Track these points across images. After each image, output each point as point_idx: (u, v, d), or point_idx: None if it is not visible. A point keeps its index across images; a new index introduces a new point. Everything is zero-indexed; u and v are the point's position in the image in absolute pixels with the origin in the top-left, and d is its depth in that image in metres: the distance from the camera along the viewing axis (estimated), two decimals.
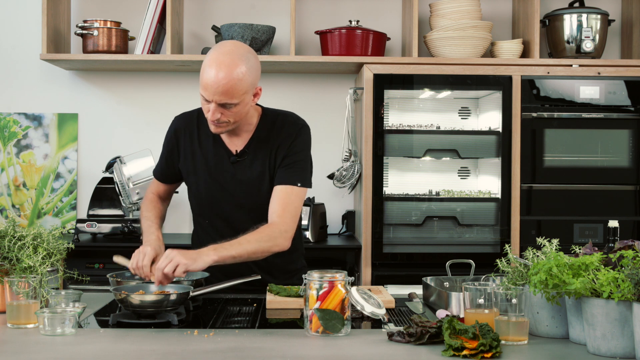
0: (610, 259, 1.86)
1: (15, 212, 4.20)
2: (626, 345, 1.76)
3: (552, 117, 3.79)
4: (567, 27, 3.94)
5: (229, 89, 2.31)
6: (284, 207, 2.43)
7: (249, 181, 2.50)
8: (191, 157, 2.54)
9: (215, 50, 2.37)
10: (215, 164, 2.52)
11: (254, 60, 2.38)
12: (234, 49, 2.36)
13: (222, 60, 2.32)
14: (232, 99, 2.33)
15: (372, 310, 2.10)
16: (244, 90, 2.34)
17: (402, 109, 4.06)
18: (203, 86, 2.33)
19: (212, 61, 2.32)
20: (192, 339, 1.93)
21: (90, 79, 4.26)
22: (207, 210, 2.58)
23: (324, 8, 4.27)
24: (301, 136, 2.53)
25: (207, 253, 2.24)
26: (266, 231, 2.37)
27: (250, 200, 2.51)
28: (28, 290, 2.05)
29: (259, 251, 2.35)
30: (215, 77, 2.30)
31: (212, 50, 2.38)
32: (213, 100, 2.33)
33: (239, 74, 2.31)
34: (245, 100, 2.37)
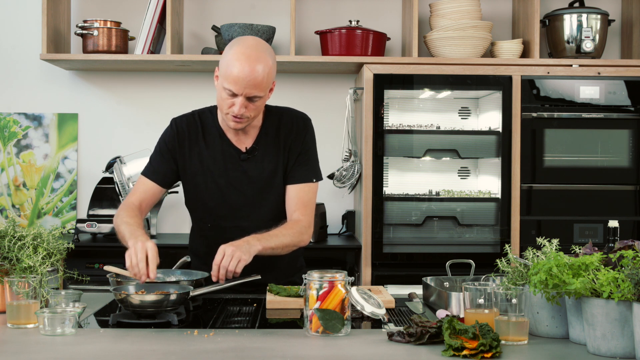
0: (610, 259, 1.86)
1: (15, 212, 4.20)
2: (626, 345, 1.76)
3: (552, 117, 3.79)
4: (567, 27, 3.94)
5: (259, 82, 2.31)
6: (304, 204, 2.49)
7: (261, 177, 2.51)
8: (197, 157, 2.51)
9: (239, 45, 2.36)
10: (224, 162, 2.50)
11: (273, 55, 2.43)
12: (258, 44, 2.38)
13: (250, 54, 2.31)
14: (260, 91, 2.34)
15: (372, 310, 2.10)
16: (269, 83, 2.37)
17: (402, 109, 4.06)
18: (232, 80, 2.30)
19: (240, 55, 2.31)
20: (192, 339, 1.93)
21: (90, 79, 4.26)
22: (214, 211, 2.54)
23: (324, 8, 4.27)
24: (310, 131, 2.60)
25: (253, 243, 2.28)
26: (296, 227, 2.44)
27: (261, 197, 2.51)
28: (28, 290, 2.05)
29: (290, 245, 2.41)
30: (247, 70, 2.29)
31: (234, 45, 2.37)
32: (242, 93, 2.32)
33: (266, 67, 2.33)
34: (267, 94, 2.40)
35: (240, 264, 2.22)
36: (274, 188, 2.52)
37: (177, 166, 2.53)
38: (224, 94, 2.34)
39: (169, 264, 2.78)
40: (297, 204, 2.49)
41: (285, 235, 2.39)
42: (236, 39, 2.42)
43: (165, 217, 4.24)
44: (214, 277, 2.24)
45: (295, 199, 2.50)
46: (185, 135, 2.53)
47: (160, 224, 4.22)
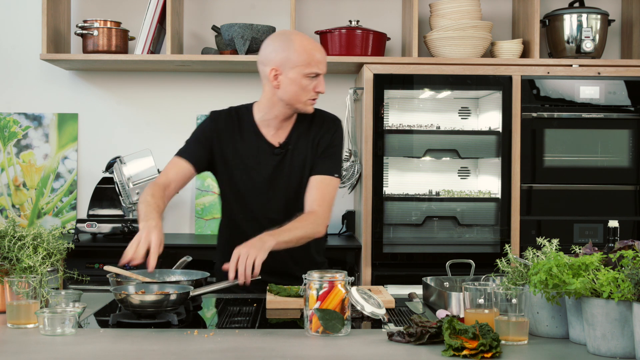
0: (610, 259, 1.86)
1: (15, 212, 4.20)
2: (626, 345, 1.76)
3: (552, 117, 3.79)
4: (567, 27, 3.94)
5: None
6: (322, 196, 2.53)
7: (292, 171, 2.58)
8: (233, 150, 2.58)
9: (295, 35, 2.53)
10: (259, 156, 2.58)
11: None
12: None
13: (308, 38, 2.53)
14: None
15: (372, 310, 2.10)
16: None
17: (402, 109, 4.06)
18: (316, 62, 2.47)
19: (307, 41, 2.50)
20: (192, 339, 1.93)
21: (90, 79, 4.26)
22: (247, 203, 2.60)
23: (324, 8, 4.27)
24: (339, 130, 2.68)
25: (267, 239, 2.32)
26: (310, 218, 2.48)
27: (291, 190, 2.58)
28: (28, 290, 2.05)
29: (304, 237, 2.45)
30: (322, 50, 2.52)
31: (290, 37, 2.52)
32: (324, 71, 2.51)
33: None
34: None
35: (257, 262, 2.25)
36: (304, 181, 2.58)
37: (212, 156, 2.59)
38: (305, 80, 2.48)
39: (169, 264, 2.78)
40: (315, 195, 2.53)
41: (298, 228, 2.43)
42: (280, 33, 2.59)
43: (165, 217, 4.23)
44: (231, 279, 2.27)
45: (315, 189, 2.54)
46: (223, 127, 2.60)
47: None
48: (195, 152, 2.60)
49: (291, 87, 2.48)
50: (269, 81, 2.52)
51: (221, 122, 2.62)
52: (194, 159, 2.58)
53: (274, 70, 2.49)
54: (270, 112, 2.58)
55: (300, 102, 2.51)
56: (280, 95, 2.51)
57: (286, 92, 2.50)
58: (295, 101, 2.52)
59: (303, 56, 2.45)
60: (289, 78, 2.47)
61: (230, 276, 2.26)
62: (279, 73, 2.48)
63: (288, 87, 2.48)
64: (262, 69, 2.56)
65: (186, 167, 2.58)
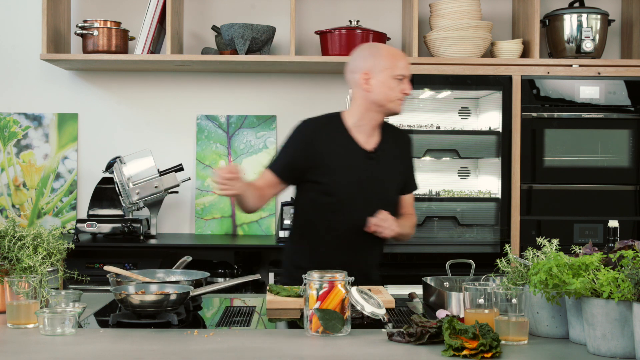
0: (610, 259, 1.86)
1: (15, 212, 4.20)
2: (626, 345, 1.76)
3: (552, 117, 3.79)
4: (567, 27, 3.94)
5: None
6: (413, 206, 2.88)
7: (383, 179, 2.73)
8: (329, 156, 2.66)
9: (379, 44, 2.88)
10: (353, 161, 2.68)
11: None
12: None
13: (392, 47, 2.80)
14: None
15: (372, 310, 2.10)
16: None
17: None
18: (402, 66, 2.67)
19: (388, 47, 2.75)
20: (192, 339, 1.93)
21: (90, 79, 4.26)
22: (340, 207, 2.66)
23: (324, 8, 4.27)
24: (412, 144, 2.93)
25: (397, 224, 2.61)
26: (412, 221, 2.82)
27: (379, 197, 2.69)
28: (28, 290, 2.05)
29: (407, 236, 2.77)
30: (403, 55, 2.73)
31: (376, 44, 2.85)
32: (409, 74, 2.69)
33: None
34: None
35: (390, 231, 2.57)
36: (391, 189, 2.76)
37: (306, 163, 2.67)
38: (393, 82, 2.65)
39: (169, 264, 2.78)
40: (411, 205, 2.86)
41: (406, 227, 2.74)
42: (366, 44, 2.83)
43: (165, 217, 4.24)
44: (371, 230, 2.57)
45: (409, 203, 2.85)
46: (318, 135, 2.70)
47: (160, 224, 4.22)
48: (287, 167, 2.70)
49: (381, 89, 2.64)
50: (360, 87, 2.68)
51: (316, 129, 2.72)
52: (284, 173, 2.68)
53: (364, 74, 2.65)
54: (363, 118, 2.70)
55: (390, 102, 2.66)
56: (372, 97, 2.66)
57: (377, 93, 2.65)
58: (386, 101, 2.66)
59: (390, 60, 2.65)
60: (378, 80, 2.64)
61: (371, 229, 2.56)
62: (369, 77, 2.65)
63: (378, 89, 2.65)
64: (352, 77, 2.71)
65: (274, 180, 2.68)
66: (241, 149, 4.23)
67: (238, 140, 4.24)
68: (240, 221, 4.20)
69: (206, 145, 4.23)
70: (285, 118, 4.27)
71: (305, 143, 2.67)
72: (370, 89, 2.65)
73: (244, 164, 4.22)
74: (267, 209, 4.20)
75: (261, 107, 4.27)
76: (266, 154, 4.23)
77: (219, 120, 4.24)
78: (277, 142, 4.24)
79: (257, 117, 4.25)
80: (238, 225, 4.20)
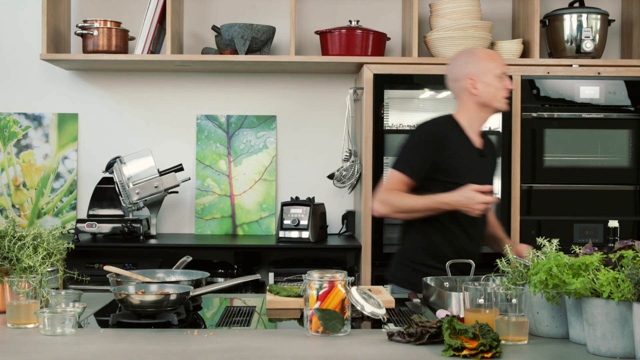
0: (610, 259, 1.86)
1: (15, 212, 4.20)
2: (626, 345, 1.76)
3: (552, 117, 3.79)
4: (567, 27, 3.94)
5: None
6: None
7: (489, 176, 2.95)
8: (454, 156, 2.79)
9: (473, 48, 3.18)
10: (471, 159, 2.85)
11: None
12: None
13: (486, 48, 3.23)
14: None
15: (372, 310, 2.10)
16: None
17: (402, 109, 4.06)
18: (499, 65, 2.83)
19: (484, 50, 3.04)
20: (192, 339, 1.93)
21: (90, 79, 4.26)
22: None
23: (324, 8, 4.27)
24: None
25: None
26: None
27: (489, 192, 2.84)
28: (28, 290, 2.05)
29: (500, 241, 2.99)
30: (498, 54, 2.95)
31: (472, 49, 3.03)
32: (507, 69, 2.86)
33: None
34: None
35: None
36: (492, 182, 2.99)
37: (437, 163, 2.78)
38: (497, 81, 2.81)
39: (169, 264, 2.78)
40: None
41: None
42: (461, 51, 3.00)
43: (165, 217, 4.24)
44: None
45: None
46: (445, 136, 2.83)
47: (160, 224, 4.22)
48: (415, 164, 2.80)
49: (489, 90, 2.80)
50: (467, 92, 2.82)
51: (442, 131, 2.84)
52: (414, 172, 2.78)
53: (470, 80, 2.81)
54: (474, 119, 2.86)
55: (497, 101, 2.82)
56: (481, 100, 2.82)
57: (485, 95, 2.81)
58: (494, 101, 2.82)
59: (490, 62, 2.82)
60: (484, 83, 2.80)
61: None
62: (475, 81, 2.80)
63: (485, 90, 2.80)
64: (457, 84, 2.87)
65: (407, 181, 2.78)
66: (241, 149, 4.23)
67: (238, 140, 4.24)
68: (240, 221, 4.20)
69: (206, 145, 4.23)
70: (285, 118, 4.27)
71: (436, 144, 2.80)
72: (478, 92, 2.81)
73: (244, 164, 4.22)
74: (267, 209, 4.20)
75: (261, 107, 4.27)
76: (266, 154, 4.23)
77: (219, 120, 4.24)
78: (277, 142, 4.25)
79: (257, 117, 4.25)
80: (238, 225, 4.20)
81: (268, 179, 4.22)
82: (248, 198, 4.21)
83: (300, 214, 3.84)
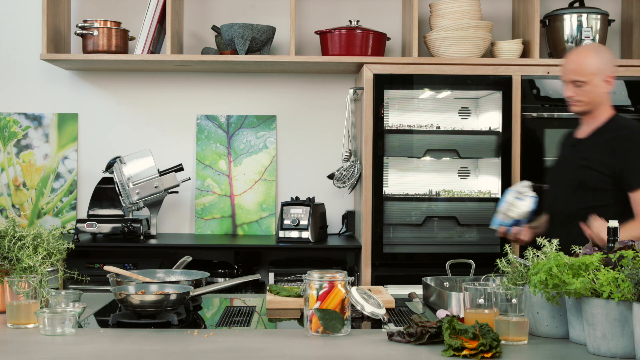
0: (610, 259, 1.86)
1: (15, 212, 4.20)
2: (626, 345, 1.76)
3: (552, 117, 3.79)
4: (567, 27, 3.94)
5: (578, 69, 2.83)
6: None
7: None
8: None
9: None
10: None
11: (603, 51, 2.90)
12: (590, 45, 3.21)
13: (576, 50, 2.95)
14: (581, 76, 2.83)
15: (372, 310, 2.10)
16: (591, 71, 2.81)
17: (402, 109, 4.06)
18: (563, 70, 2.87)
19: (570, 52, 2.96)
20: (192, 339, 1.93)
21: (90, 79, 4.26)
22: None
23: (324, 8, 4.27)
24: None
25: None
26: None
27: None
28: (28, 290, 2.05)
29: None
30: (567, 57, 2.91)
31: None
32: (566, 79, 2.86)
33: (586, 57, 2.85)
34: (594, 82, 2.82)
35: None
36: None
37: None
38: (564, 86, 2.87)
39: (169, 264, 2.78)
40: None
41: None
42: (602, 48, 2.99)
43: (165, 217, 4.24)
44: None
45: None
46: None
47: (160, 224, 4.22)
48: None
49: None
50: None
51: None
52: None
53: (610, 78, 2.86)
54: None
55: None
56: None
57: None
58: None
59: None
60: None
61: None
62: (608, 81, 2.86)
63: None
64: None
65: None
66: (241, 149, 4.23)
67: (238, 140, 4.24)
68: (240, 221, 4.20)
69: (206, 145, 4.23)
70: (285, 118, 4.27)
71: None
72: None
73: (244, 164, 4.22)
74: (267, 209, 4.20)
75: (261, 107, 4.27)
76: (266, 154, 4.23)
77: (219, 120, 4.24)
78: (277, 142, 4.24)
79: (257, 117, 4.25)
80: (238, 225, 4.20)
81: (268, 179, 4.22)
82: (248, 198, 4.21)
83: (300, 214, 3.84)
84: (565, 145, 3.03)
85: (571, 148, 2.92)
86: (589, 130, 2.88)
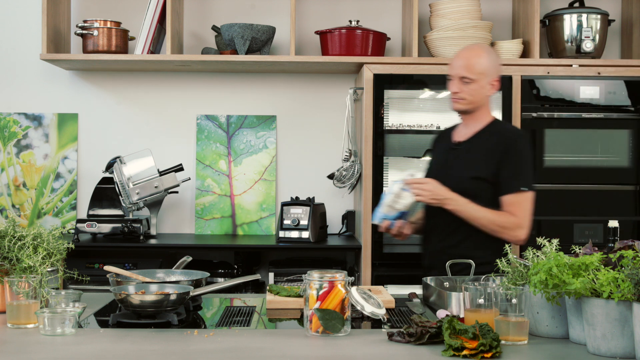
0: (610, 259, 1.86)
1: (15, 212, 4.20)
2: (626, 345, 1.76)
3: (552, 117, 3.79)
4: (567, 27, 3.94)
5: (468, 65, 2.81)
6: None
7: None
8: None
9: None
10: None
11: (491, 52, 2.92)
12: (477, 44, 3.14)
13: (467, 46, 2.99)
14: (469, 74, 2.81)
15: (372, 310, 2.10)
16: (479, 71, 2.81)
17: (402, 109, 4.06)
18: (450, 66, 2.84)
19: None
20: (192, 339, 1.93)
21: (90, 79, 4.26)
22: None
23: (324, 8, 4.27)
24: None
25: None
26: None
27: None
28: (28, 290, 2.05)
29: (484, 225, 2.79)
30: (459, 53, 2.88)
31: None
32: (453, 74, 2.82)
33: (476, 56, 2.86)
34: (480, 80, 2.81)
35: (426, 198, 2.68)
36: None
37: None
38: (449, 82, 2.84)
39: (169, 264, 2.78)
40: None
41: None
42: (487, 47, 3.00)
43: (165, 217, 4.24)
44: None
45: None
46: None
47: (160, 224, 4.22)
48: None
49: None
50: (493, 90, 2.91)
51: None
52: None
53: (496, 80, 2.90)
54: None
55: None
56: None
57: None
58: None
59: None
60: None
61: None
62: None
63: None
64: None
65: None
66: (241, 149, 4.23)
67: (238, 140, 4.24)
68: (240, 221, 4.20)
69: (206, 145, 4.23)
70: (285, 118, 4.27)
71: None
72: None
73: (244, 164, 4.22)
74: (267, 209, 4.20)
75: (261, 107, 4.27)
76: (266, 154, 4.23)
77: (219, 120, 4.24)
78: (277, 142, 4.25)
79: (257, 117, 4.25)
80: (238, 225, 4.20)
81: (268, 179, 4.22)
82: (248, 198, 4.21)
83: (300, 214, 3.84)
84: (440, 148, 2.95)
85: (450, 151, 2.86)
86: (470, 132, 2.84)
